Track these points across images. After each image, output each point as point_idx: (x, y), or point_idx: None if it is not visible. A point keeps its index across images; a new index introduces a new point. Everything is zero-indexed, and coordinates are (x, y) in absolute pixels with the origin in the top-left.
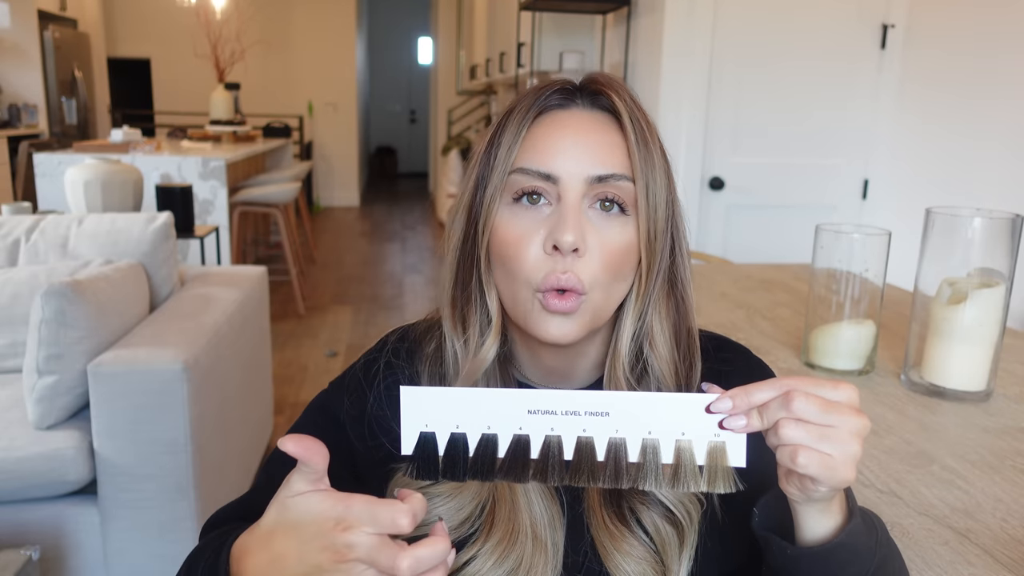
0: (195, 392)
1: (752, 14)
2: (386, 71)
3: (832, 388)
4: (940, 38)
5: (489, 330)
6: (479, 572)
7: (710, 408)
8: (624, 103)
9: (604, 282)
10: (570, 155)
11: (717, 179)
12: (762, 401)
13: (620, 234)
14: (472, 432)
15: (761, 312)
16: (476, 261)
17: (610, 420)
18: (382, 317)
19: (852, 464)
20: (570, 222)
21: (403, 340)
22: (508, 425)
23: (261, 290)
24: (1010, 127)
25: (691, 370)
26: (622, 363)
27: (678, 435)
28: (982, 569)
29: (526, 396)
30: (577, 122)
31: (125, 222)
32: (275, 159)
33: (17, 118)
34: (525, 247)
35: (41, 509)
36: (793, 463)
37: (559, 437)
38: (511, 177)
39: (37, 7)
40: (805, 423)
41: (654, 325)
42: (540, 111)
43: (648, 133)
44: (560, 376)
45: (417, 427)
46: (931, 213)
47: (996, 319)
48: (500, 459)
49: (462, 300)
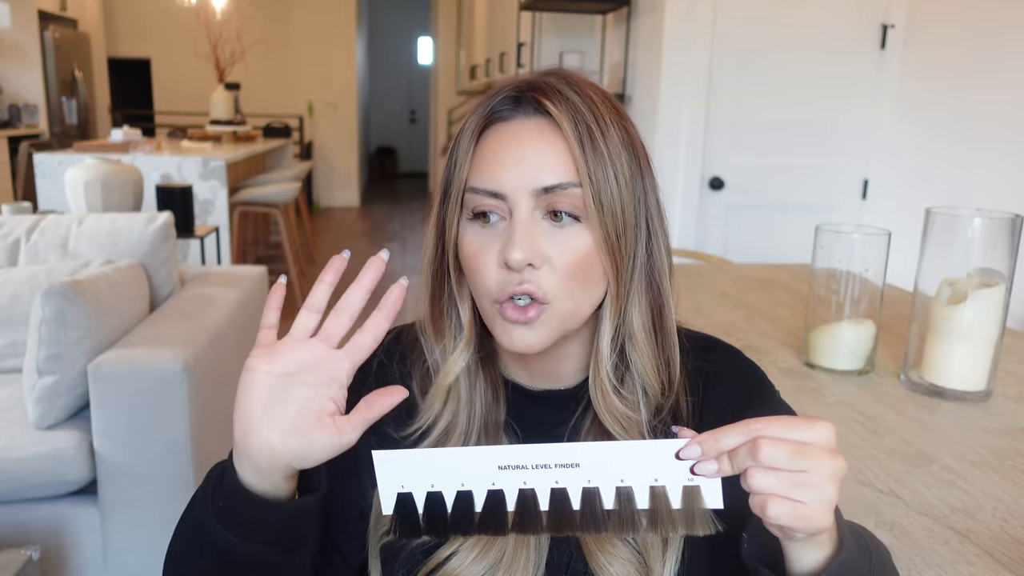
0: (195, 392)
1: (752, 14)
2: (386, 71)
3: (807, 428)
4: (940, 38)
5: (460, 338)
6: (459, 567)
7: (680, 455)
8: (565, 106)
9: (570, 289)
10: (513, 169)
11: (717, 179)
12: (730, 447)
13: (577, 241)
14: (447, 490)
15: (761, 312)
16: (447, 273)
17: (581, 471)
18: None
19: (828, 510)
20: (517, 239)
21: (397, 341)
22: (481, 481)
23: (261, 290)
24: (1010, 127)
25: (670, 364)
26: (605, 366)
27: (651, 481)
28: (982, 569)
29: (496, 452)
30: (520, 133)
31: (125, 222)
32: (275, 159)
33: (17, 118)
34: (483, 262)
35: (41, 509)
36: (763, 513)
37: (532, 490)
38: (466, 196)
39: (37, 7)
40: (775, 471)
41: (634, 323)
42: (487, 123)
43: (596, 130)
44: (546, 377)
45: (394, 488)
46: (931, 213)
47: (996, 319)
48: (478, 513)
49: (437, 311)
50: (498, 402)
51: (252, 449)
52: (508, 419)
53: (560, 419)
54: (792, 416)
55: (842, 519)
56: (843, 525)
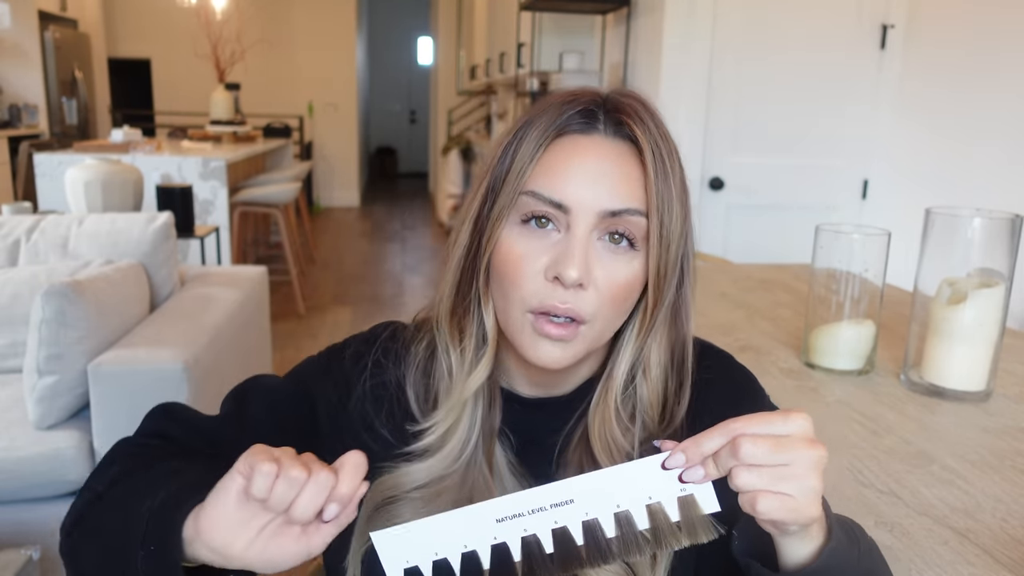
0: (195, 392)
1: (752, 14)
2: (386, 71)
3: (782, 421)
4: (940, 38)
5: (485, 348)
6: None
7: (665, 465)
8: (647, 134)
9: (605, 315)
10: (584, 185)
11: (717, 179)
12: (712, 450)
13: (627, 268)
14: (452, 555)
15: (761, 312)
16: (476, 273)
17: (577, 506)
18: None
19: (815, 499)
20: (576, 256)
21: (394, 340)
22: (483, 538)
23: (261, 290)
24: (1010, 127)
25: (680, 390)
26: (614, 394)
27: (646, 500)
28: (982, 569)
29: (490, 507)
30: (596, 150)
31: (125, 222)
32: (275, 159)
33: (17, 118)
34: (526, 269)
35: (41, 509)
36: (754, 511)
37: (535, 535)
38: (521, 198)
39: (37, 7)
40: (758, 467)
41: (651, 356)
42: (559, 132)
43: (669, 165)
44: (546, 386)
45: (400, 566)
46: (931, 213)
47: (996, 319)
48: (486, 571)
49: (461, 310)
50: (494, 408)
51: (215, 542)
52: (502, 426)
53: (555, 426)
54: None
55: (830, 510)
56: (831, 516)
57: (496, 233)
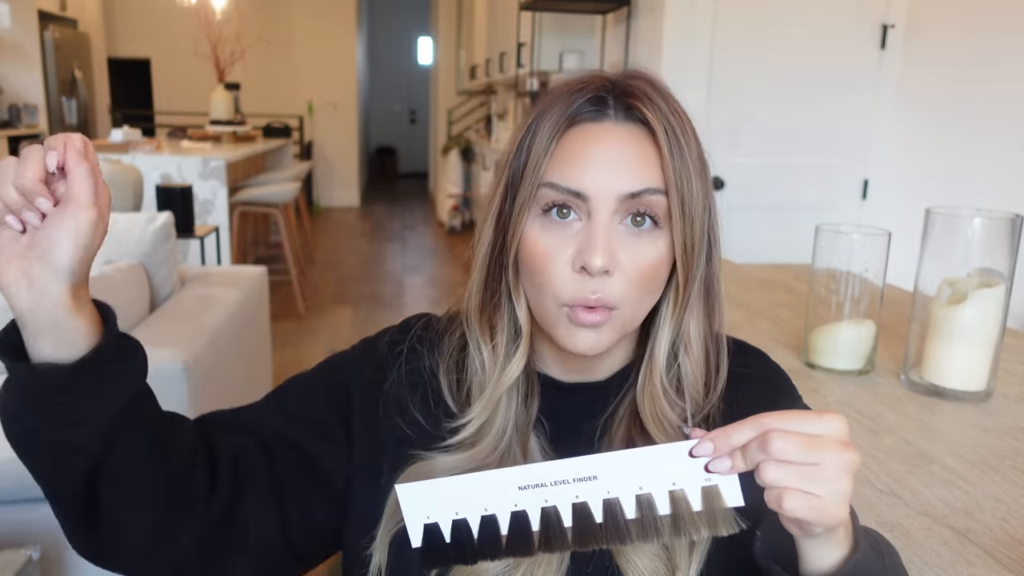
0: (195, 392)
1: (752, 14)
2: (386, 71)
3: (816, 420)
4: (940, 38)
5: (519, 341)
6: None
7: (693, 452)
8: (658, 114)
9: (635, 296)
10: (601, 171)
11: (717, 179)
12: (742, 442)
13: (652, 249)
14: (472, 516)
15: (761, 312)
16: (504, 269)
17: (600, 483)
18: (382, 317)
19: (843, 502)
20: (600, 244)
21: (427, 329)
22: (504, 504)
23: (261, 290)
24: (1010, 127)
25: (718, 373)
26: (659, 372)
27: (670, 485)
28: (982, 569)
29: (514, 474)
30: (610, 136)
31: (125, 222)
32: (275, 159)
33: (17, 118)
34: (553, 262)
35: (41, 509)
36: (779, 507)
37: (555, 507)
38: (540, 190)
39: (37, 7)
40: (787, 463)
41: (690, 331)
42: (571, 122)
43: (684, 142)
44: (583, 371)
45: (420, 520)
46: (931, 213)
47: (996, 319)
48: (503, 536)
49: (491, 307)
50: (532, 397)
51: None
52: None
53: (591, 412)
54: (803, 411)
55: (857, 520)
56: (858, 527)
57: (519, 228)
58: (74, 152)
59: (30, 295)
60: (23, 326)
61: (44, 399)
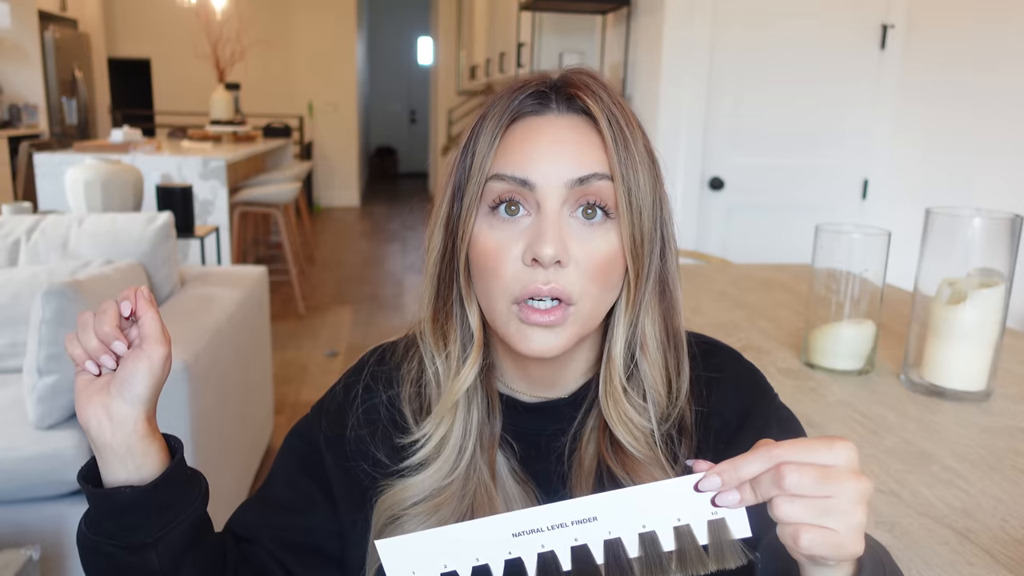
0: (195, 391)
1: (752, 14)
2: (386, 71)
3: (827, 450)
4: (939, 38)
5: (471, 346)
6: None
7: (699, 487)
8: (600, 104)
9: (593, 292)
10: (547, 160)
11: (717, 179)
12: (752, 475)
13: (604, 242)
14: (462, 568)
15: (761, 312)
16: (456, 274)
17: (600, 524)
18: (382, 317)
19: (859, 536)
20: (549, 233)
21: (381, 363)
22: (497, 552)
23: (261, 290)
24: (1010, 127)
25: (679, 372)
26: (618, 373)
27: (674, 521)
28: (982, 569)
29: (507, 520)
30: (553, 128)
31: (125, 222)
32: (275, 159)
33: (17, 118)
34: (503, 259)
35: (41, 509)
36: (796, 544)
37: (552, 552)
38: (488, 185)
39: (37, 7)
40: (802, 499)
41: (646, 330)
42: (514, 117)
43: (628, 132)
44: (546, 385)
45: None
46: (931, 213)
47: (996, 319)
48: None
49: (443, 315)
50: (493, 415)
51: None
52: (503, 433)
53: (559, 429)
54: (811, 438)
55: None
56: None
57: (468, 229)
58: (143, 300)
59: (110, 426)
60: (102, 459)
61: (123, 520)
